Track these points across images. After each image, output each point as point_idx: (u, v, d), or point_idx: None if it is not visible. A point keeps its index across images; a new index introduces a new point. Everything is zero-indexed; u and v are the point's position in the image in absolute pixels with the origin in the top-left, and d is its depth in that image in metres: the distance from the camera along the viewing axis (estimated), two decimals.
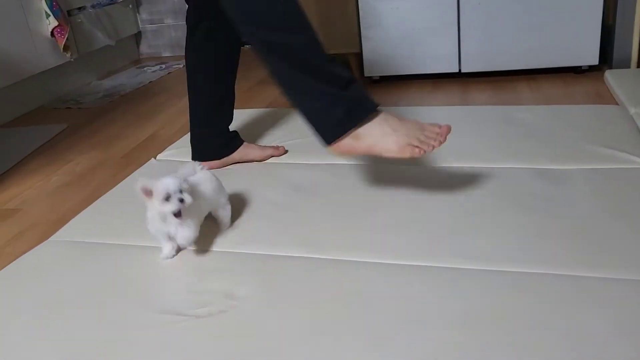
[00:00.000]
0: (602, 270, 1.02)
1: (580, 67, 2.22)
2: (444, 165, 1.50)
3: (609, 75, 2.09)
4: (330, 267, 1.11)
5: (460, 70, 2.28)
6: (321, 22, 2.43)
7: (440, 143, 1.17)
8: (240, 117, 1.99)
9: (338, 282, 1.06)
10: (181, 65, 3.10)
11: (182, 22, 3.39)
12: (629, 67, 2.21)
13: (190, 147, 1.61)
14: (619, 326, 0.88)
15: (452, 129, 1.21)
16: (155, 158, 1.76)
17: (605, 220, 1.17)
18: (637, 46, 2.17)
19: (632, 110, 1.75)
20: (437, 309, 0.96)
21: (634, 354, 0.82)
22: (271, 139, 1.78)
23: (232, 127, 1.62)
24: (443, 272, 1.06)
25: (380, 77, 2.39)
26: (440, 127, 1.19)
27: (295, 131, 1.81)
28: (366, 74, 2.37)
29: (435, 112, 1.91)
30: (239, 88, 1.60)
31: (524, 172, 1.41)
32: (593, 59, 2.18)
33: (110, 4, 3.08)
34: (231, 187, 1.48)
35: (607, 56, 2.26)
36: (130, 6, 3.28)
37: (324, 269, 1.10)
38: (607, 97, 1.96)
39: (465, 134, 1.67)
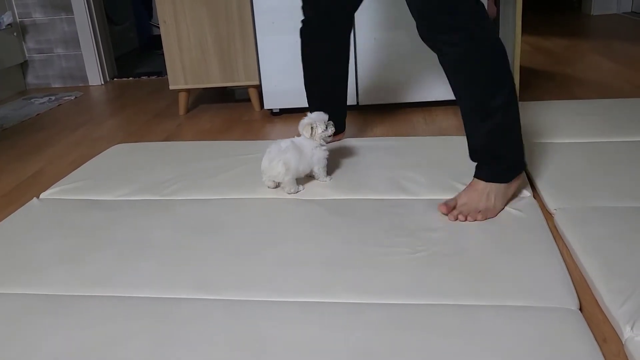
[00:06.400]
0: (482, 298, 1.06)
1: None
2: (337, 197, 1.51)
3: None
4: (223, 308, 1.07)
5: (358, 103, 2.34)
6: (221, 56, 2.42)
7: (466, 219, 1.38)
8: (141, 150, 1.92)
9: (231, 323, 1.02)
10: (73, 97, 2.95)
11: (74, 52, 3.24)
12: None
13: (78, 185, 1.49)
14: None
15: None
16: (37, 197, 1.63)
17: (487, 251, 1.22)
18: (518, 83, 2.33)
19: None
20: (331, 346, 0.95)
21: None
22: (166, 174, 1.72)
23: (125, 161, 1.54)
24: (336, 308, 1.05)
25: (280, 109, 2.40)
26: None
27: (186, 164, 1.76)
28: (266, 107, 2.37)
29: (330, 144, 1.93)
30: (137, 121, 1.53)
31: (413, 203, 1.44)
32: None
33: None
34: (123, 223, 1.40)
35: None
36: (15, 34, 3.10)
37: (217, 311, 1.06)
38: None
39: (360, 166, 1.69)
